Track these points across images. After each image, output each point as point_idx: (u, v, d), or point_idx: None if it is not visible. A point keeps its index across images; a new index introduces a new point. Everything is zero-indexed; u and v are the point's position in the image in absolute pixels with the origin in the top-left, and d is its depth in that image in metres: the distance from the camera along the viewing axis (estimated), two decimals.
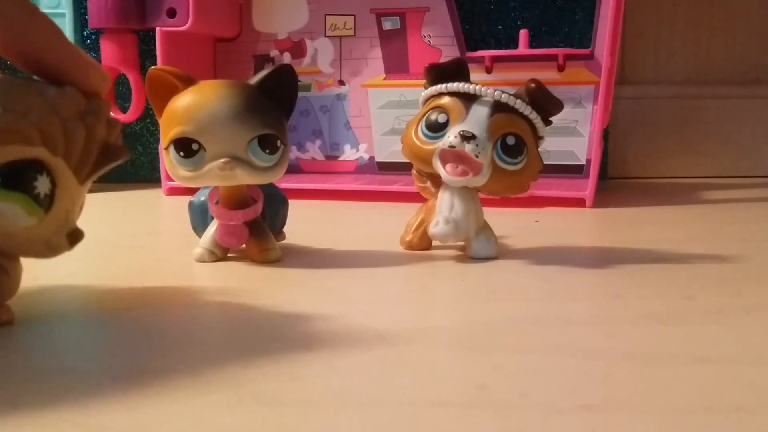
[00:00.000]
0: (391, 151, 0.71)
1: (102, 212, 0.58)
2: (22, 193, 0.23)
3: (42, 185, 0.24)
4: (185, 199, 0.40)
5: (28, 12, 0.24)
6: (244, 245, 0.37)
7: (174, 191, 0.68)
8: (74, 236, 0.26)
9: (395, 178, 0.67)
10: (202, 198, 0.38)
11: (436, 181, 0.38)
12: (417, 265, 0.37)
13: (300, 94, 0.39)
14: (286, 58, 0.73)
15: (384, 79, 0.71)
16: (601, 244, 0.45)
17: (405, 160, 0.38)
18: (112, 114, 0.27)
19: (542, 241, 0.43)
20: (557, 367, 0.22)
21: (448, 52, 0.68)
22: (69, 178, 0.25)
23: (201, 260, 0.37)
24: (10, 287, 0.25)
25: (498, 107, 0.35)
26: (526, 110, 0.35)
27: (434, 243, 0.40)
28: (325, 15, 0.72)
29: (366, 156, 0.72)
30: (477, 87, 0.35)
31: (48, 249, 0.25)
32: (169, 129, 0.33)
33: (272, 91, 0.34)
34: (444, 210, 0.36)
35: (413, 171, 0.39)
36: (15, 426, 0.18)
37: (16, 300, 0.26)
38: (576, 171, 0.66)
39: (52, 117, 0.24)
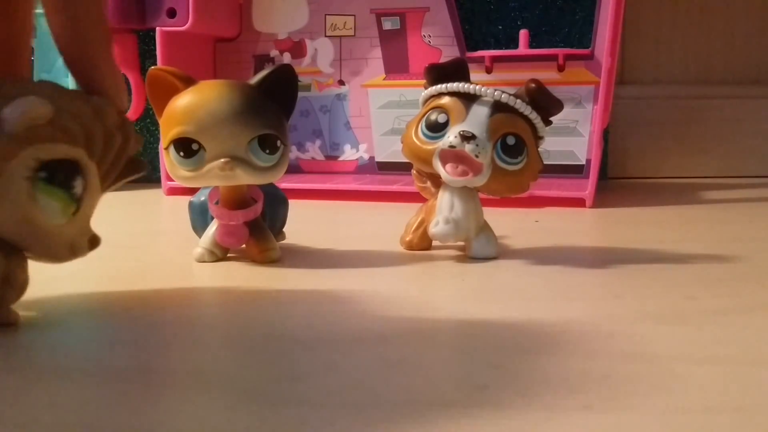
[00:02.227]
0: (391, 151, 0.71)
1: (102, 212, 0.58)
2: (63, 191, 0.24)
3: (78, 186, 0.25)
4: (185, 199, 0.40)
5: (100, 19, 0.25)
6: (244, 245, 0.37)
7: (174, 191, 0.68)
8: (94, 241, 0.27)
9: (395, 178, 0.67)
10: (202, 198, 0.38)
11: (436, 181, 0.37)
12: (417, 265, 0.37)
13: (300, 94, 0.39)
14: (286, 58, 0.73)
15: (384, 79, 0.71)
16: (601, 244, 0.45)
17: (405, 160, 0.38)
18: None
19: (542, 241, 0.43)
20: (557, 367, 0.22)
21: (448, 52, 0.68)
22: (96, 184, 0.26)
23: (201, 260, 0.37)
24: (17, 291, 0.25)
25: (498, 107, 0.35)
26: (526, 110, 0.35)
27: (434, 243, 0.40)
28: (325, 15, 0.72)
29: (366, 156, 0.72)
30: (477, 87, 0.35)
31: (71, 251, 0.26)
32: (169, 129, 0.33)
33: (272, 91, 0.34)
34: (444, 210, 0.36)
35: (413, 171, 0.39)
36: (15, 426, 0.18)
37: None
38: (576, 171, 0.66)
39: (97, 122, 0.25)
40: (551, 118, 0.37)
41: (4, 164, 0.23)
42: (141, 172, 0.28)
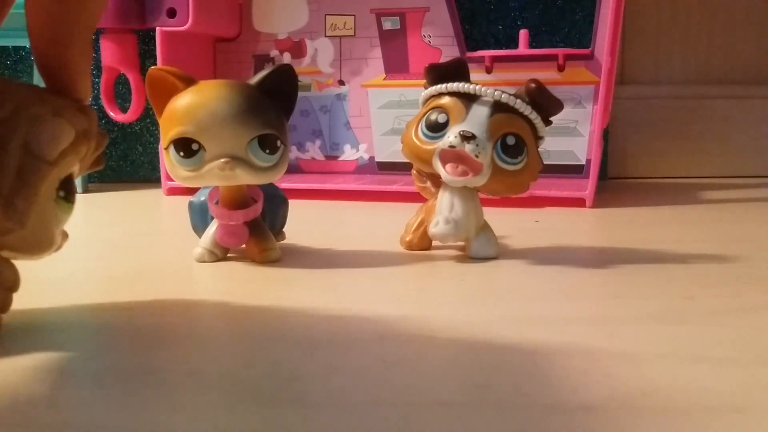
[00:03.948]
0: (391, 151, 0.71)
1: (102, 212, 0.58)
2: (72, 204, 0.25)
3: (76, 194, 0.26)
4: (185, 199, 0.40)
5: (83, 18, 0.24)
6: (244, 245, 0.37)
7: (174, 191, 0.68)
8: (64, 235, 0.27)
9: (395, 178, 0.67)
10: (202, 198, 0.38)
11: (436, 181, 0.38)
12: (417, 265, 0.37)
13: (300, 94, 0.39)
14: (286, 58, 0.73)
15: (384, 79, 0.71)
16: (601, 244, 0.45)
17: (405, 160, 0.38)
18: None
19: (542, 241, 0.43)
20: (557, 367, 0.22)
21: (448, 52, 0.68)
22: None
23: (201, 260, 0.37)
24: (7, 291, 0.25)
25: (498, 107, 0.35)
26: (526, 110, 0.35)
27: (434, 243, 0.40)
28: (325, 15, 0.72)
29: (366, 156, 0.72)
30: (477, 87, 0.35)
31: (55, 249, 0.26)
32: (169, 129, 0.33)
33: (272, 91, 0.34)
34: (444, 210, 0.36)
35: (413, 171, 0.39)
36: (15, 426, 0.18)
37: (16, 300, 0.26)
38: (576, 171, 0.66)
39: (91, 137, 0.25)
40: (551, 118, 0.37)
41: (40, 190, 0.23)
42: (100, 166, 0.28)
